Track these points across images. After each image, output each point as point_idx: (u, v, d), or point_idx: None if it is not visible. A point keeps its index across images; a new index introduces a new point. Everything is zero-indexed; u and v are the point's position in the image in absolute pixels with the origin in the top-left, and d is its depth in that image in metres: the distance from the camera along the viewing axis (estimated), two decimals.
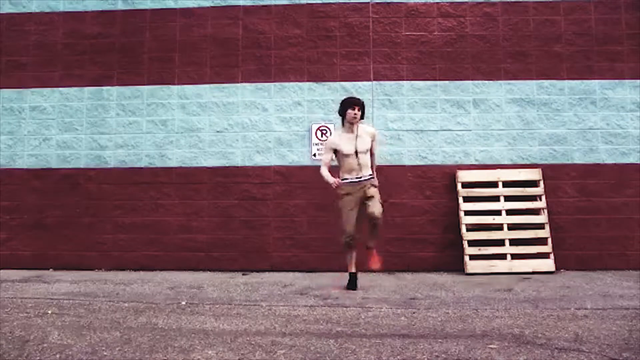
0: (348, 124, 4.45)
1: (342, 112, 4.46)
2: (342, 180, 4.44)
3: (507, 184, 5.67)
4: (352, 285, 4.48)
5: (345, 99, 4.53)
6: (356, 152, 4.37)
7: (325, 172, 4.44)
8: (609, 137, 5.78)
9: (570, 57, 5.88)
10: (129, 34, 6.13)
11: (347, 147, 4.39)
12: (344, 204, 4.41)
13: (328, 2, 6.04)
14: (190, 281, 4.96)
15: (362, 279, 4.95)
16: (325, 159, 4.49)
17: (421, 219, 5.74)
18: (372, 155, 4.56)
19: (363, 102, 4.48)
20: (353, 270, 4.52)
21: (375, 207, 4.33)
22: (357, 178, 4.40)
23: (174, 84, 6.04)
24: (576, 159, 5.77)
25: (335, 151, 4.45)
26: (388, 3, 6.01)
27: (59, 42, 6.17)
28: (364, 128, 4.52)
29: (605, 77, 5.84)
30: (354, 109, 4.38)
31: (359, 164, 4.39)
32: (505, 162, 5.79)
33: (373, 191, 4.41)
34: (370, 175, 4.47)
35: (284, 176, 5.85)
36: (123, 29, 6.15)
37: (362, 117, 4.47)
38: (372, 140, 4.52)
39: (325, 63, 5.98)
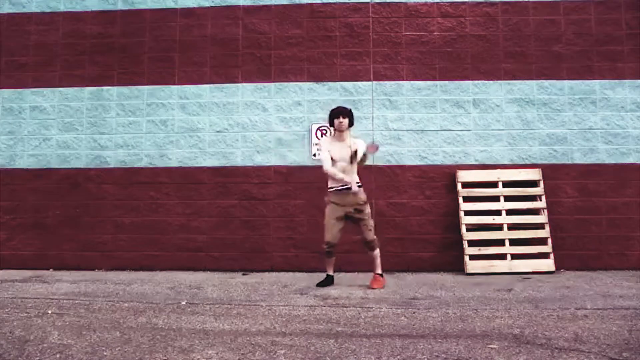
0: (337, 132, 4.60)
1: (330, 123, 4.64)
2: (329, 188, 4.60)
3: (507, 184, 5.67)
4: (324, 284, 4.65)
5: (332, 110, 4.66)
6: (343, 159, 4.52)
7: (334, 170, 4.49)
8: (609, 137, 5.78)
9: (570, 57, 5.88)
10: (129, 34, 6.13)
11: (337, 154, 4.54)
12: (329, 212, 4.56)
13: (328, 2, 6.04)
14: (190, 281, 4.96)
15: (363, 278, 4.97)
16: (326, 157, 4.54)
17: (421, 219, 5.74)
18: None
19: (348, 110, 4.62)
20: (331, 273, 4.73)
21: (366, 231, 4.53)
22: (342, 186, 4.51)
23: (174, 84, 6.04)
24: (576, 159, 5.77)
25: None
26: (388, 3, 6.01)
27: (59, 42, 6.17)
28: (355, 140, 4.62)
29: (605, 77, 5.84)
30: (339, 118, 4.54)
31: (344, 171, 4.52)
32: (505, 162, 5.79)
33: (363, 209, 4.52)
34: (357, 183, 4.55)
35: (284, 176, 5.85)
36: (123, 29, 6.15)
37: (350, 125, 4.60)
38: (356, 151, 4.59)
39: (325, 63, 5.98)
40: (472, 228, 5.57)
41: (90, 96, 6.09)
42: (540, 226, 5.54)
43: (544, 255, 5.42)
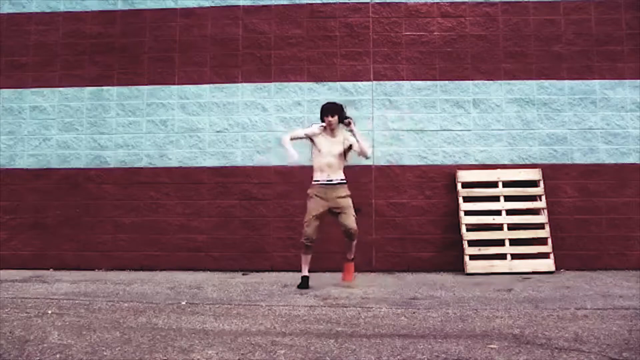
0: (328, 129, 4.61)
1: (321, 119, 4.65)
2: (314, 181, 4.58)
3: (507, 184, 5.67)
4: (303, 285, 4.51)
5: (322, 106, 4.67)
6: (330, 154, 4.53)
7: (287, 140, 4.59)
8: (609, 137, 5.78)
9: (570, 57, 5.88)
10: (129, 34, 6.13)
11: (323, 146, 4.55)
12: (310, 206, 4.53)
13: (328, 2, 6.04)
14: (190, 281, 4.96)
15: (363, 278, 4.97)
16: (295, 131, 4.74)
17: (421, 219, 5.74)
18: (359, 143, 4.57)
19: (338, 106, 4.61)
20: (306, 273, 4.57)
21: (349, 220, 4.46)
22: (327, 180, 4.52)
23: (174, 84, 6.04)
24: (576, 159, 5.77)
25: (313, 143, 4.61)
26: (388, 3, 6.01)
27: (59, 42, 6.17)
28: (346, 134, 4.62)
29: (605, 77, 5.84)
30: (327, 117, 4.56)
31: (330, 166, 4.52)
32: (505, 162, 5.79)
33: (345, 202, 4.50)
34: (342, 179, 4.56)
35: (284, 176, 5.85)
36: (123, 29, 6.15)
37: (341, 121, 4.56)
38: (351, 145, 4.56)
39: (325, 63, 5.98)
40: (472, 228, 5.56)
41: (90, 96, 6.09)
42: (540, 226, 5.54)
43: (544, 255, 5.42)
